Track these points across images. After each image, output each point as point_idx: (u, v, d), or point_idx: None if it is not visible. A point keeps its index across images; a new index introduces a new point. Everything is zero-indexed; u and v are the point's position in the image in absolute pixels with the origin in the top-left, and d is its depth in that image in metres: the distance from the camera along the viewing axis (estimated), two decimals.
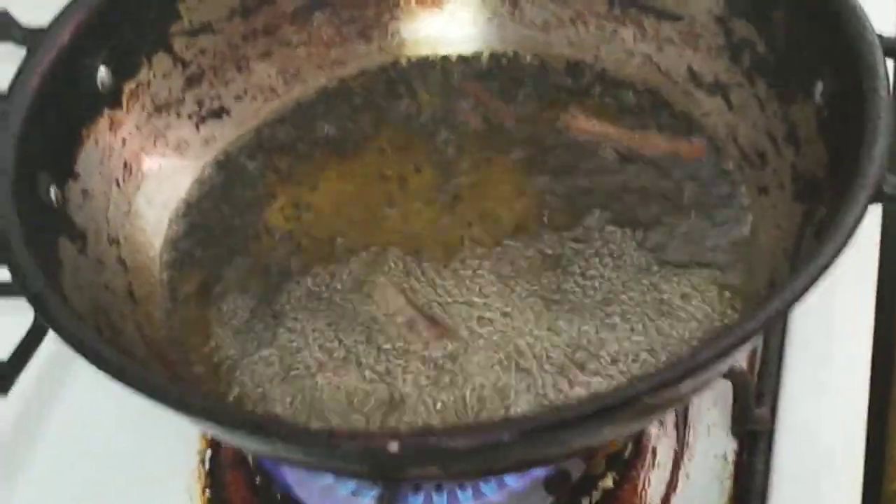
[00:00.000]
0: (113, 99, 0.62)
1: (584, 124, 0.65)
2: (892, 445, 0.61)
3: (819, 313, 0.63)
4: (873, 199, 0.49)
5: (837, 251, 0.48)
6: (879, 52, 0.53)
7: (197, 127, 0.66)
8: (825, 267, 0.47)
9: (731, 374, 0.59)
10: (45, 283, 0.49)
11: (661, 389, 0.45)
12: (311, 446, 0.45)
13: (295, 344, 0.58)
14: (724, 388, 0.60)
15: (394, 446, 0.43)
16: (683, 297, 0.57)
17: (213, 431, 0.52)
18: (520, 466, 0.53)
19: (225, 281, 0.61)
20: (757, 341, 0.60)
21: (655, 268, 0.58)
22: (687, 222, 0.60)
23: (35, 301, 0.49)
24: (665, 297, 0.57)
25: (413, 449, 0.44)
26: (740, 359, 0.60)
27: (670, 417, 0.61)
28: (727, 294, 0.57)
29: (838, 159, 0.54)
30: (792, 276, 0.47)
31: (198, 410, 0.45)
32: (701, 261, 0.58)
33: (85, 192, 0.59)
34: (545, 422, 0.44)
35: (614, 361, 0.55)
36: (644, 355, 0.55)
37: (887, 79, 0.52)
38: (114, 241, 0.59)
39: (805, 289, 0.47)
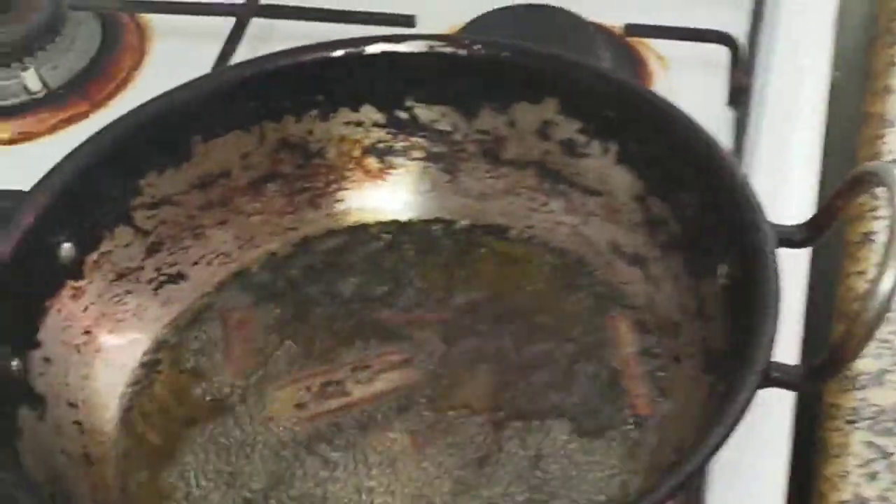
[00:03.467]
0: (75, 270, 0.66)
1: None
2: None
3: (734, 469, 0.67)
4: (762, 385, 0.54)
5: (726, 434, 0.52)
6: (772, 245, 0.58)
7: (155, 292, 0.70)
8: (716, 447, 0.52)
9: None
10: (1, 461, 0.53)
11: None
12: None
13: None
14: None
15: None
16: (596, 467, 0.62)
17: None
18: None
19: (179, 445, 0.64)
20: None
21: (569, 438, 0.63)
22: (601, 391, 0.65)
23: None
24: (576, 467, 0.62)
25: None
26: None
27: None
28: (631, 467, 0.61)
29: (737, 339, 0.59)
30: (682, 460, 0.52)
31: None
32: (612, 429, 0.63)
33: (46, 360, 0.63)
34: None
35: None
36: None
37: (777, 271, 0.57)
38: (72, 405, 0.63)
39: (692, 474, 0.51)
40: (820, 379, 0.55)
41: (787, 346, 0.68)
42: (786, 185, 0.78)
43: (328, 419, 0.65)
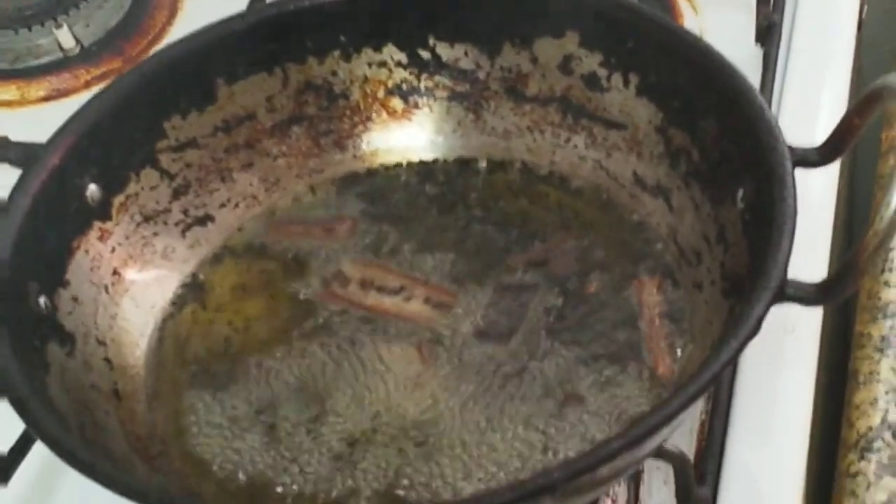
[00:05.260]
0: (102, 212, 0.67)
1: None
2: None
3: (761, 394, 0.67)
4: (776, 300, 0.54)
5: (739, 348, 0.52)
6: (788, 164, 0.58)
7: (183, 234, 0.71)
8: (728, 361, 0.52)
9: (668, 456, 0.62)
10: (27, 389, 0.54)
11: (576, 477, 0.50)
12: None
13: (269, 439, 0.63)
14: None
15: None
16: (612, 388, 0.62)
17: None
18: None
19: (204, 379, 0.66)
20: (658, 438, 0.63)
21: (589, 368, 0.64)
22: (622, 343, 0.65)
23: (17, 405, 0.54)
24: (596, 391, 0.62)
25: None
26: (672, 440, 0.64)
27: (622, 495, 0.65)
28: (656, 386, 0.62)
29: (757, 260, 0.59)
30: (694, 375, 0.52)
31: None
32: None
33: (75, 299, 0.64)
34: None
35: (545, 450, 0.60)
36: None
37: (794, 189, 0.57)
38: (101, 343, 0.65)
39: (704, 388, 0.51)
40: (834, 294, 0.54)
41: (814, 266, 0.68)
42: (814, 121, 0.78)
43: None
